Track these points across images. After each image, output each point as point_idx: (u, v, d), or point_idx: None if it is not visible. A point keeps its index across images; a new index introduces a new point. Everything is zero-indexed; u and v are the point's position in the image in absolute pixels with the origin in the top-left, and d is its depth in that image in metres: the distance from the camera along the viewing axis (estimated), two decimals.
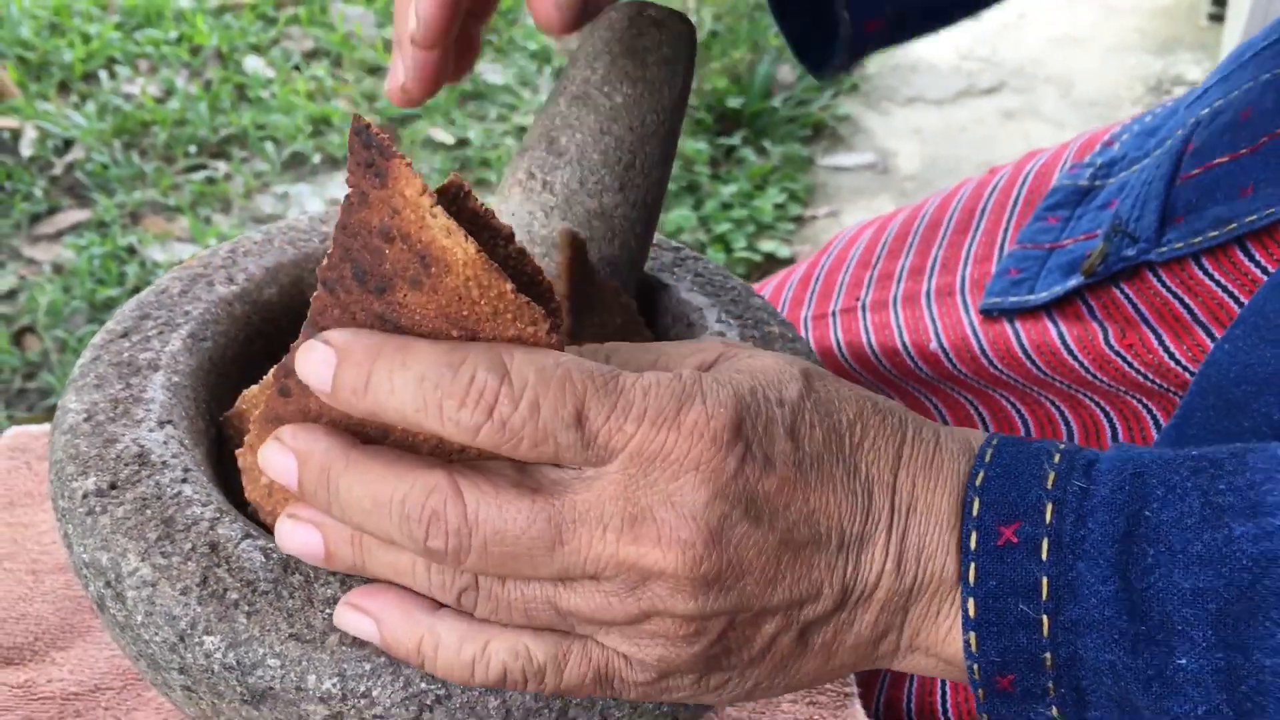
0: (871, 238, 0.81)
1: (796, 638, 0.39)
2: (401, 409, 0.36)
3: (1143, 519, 0.36)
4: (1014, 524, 0.37)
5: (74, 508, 0.43)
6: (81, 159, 2.07)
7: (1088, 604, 0.36)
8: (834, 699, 0.58)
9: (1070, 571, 0.36)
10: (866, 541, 0.38)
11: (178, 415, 0.46)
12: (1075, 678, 0.37)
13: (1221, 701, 0.35)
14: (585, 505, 0.36)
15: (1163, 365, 0.57)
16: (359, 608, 0.38)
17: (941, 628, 0.39)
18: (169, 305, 0.50)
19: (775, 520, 0.37)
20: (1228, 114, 0.59)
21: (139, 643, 0.41)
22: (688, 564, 0.35)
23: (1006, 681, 0.37)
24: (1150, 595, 0.36)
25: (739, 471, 0.36)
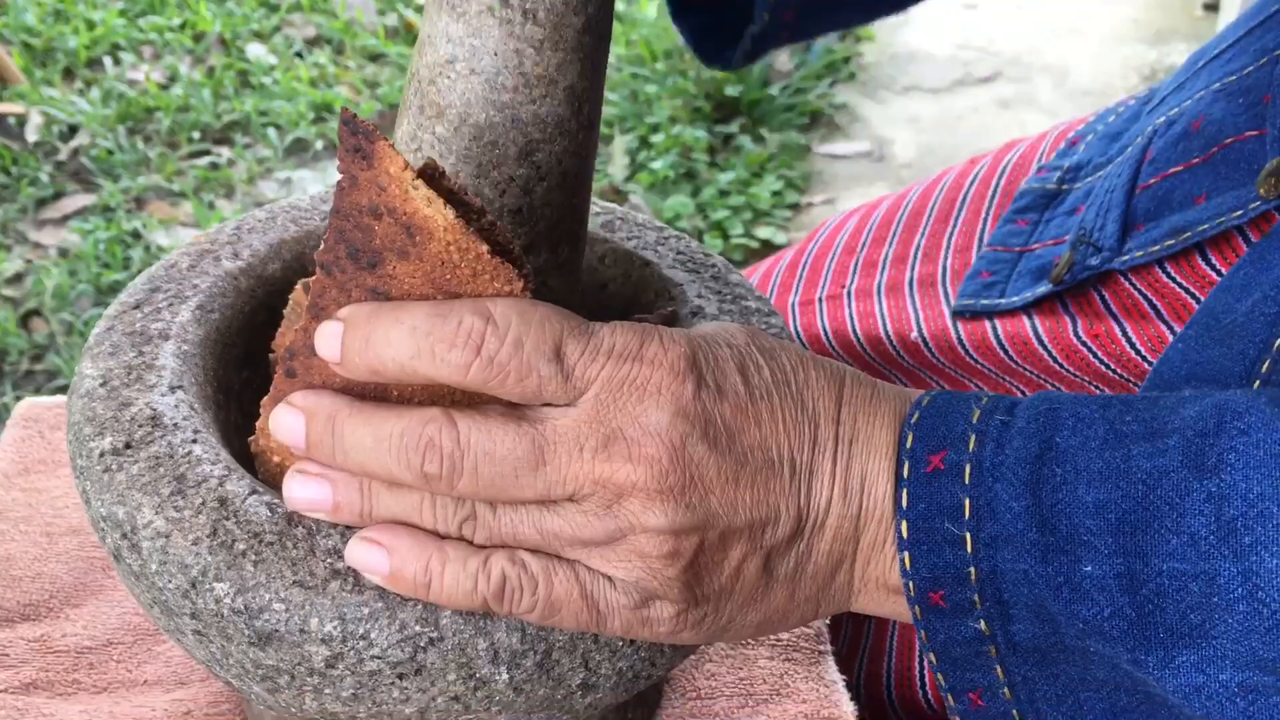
0: (857, 225, 0.84)
1: (762, 565, 0.42)
2: (399, 358, 0.40)
3: (1053, 444, 0.40)
4: (941, 452, 0.41)
5: (92, 466, 0.46)
6: (87, 145, 2.10)
7: (1004, 520, 0.39)
8: (809, 655, 0.61)
9: (989, 492, 0.40)
10: (815, 470, 0.42)
11: (188, 381, 0.49)
12: (997, 589, 0.40)
13: (1125, 604, 0.38)
14: (564, 429, 0.40)
15: (1124, 355, 0.60)
16: (370, 540, 0.42)
17: (887, 557, 0.42)
18: (178, 279, 0.53)
19: (732, 444, 0.41)
20: (1181, 123, 0.62)
21: (153, 590, 0.44)
22: (655, 477, 0.40)
23: (938, 597, 0.41)
24: (1058, 510, 0.39)
25: (696, 395, 0.40)
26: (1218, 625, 0.38)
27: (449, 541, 0.42)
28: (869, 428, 0.43)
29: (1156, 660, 0.39)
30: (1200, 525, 0.38)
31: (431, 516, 0.42)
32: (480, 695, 0.44)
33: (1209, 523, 0.38)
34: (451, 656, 0.43)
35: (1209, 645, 0.38)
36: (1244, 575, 0.37)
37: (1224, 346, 0.50)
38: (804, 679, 0.60)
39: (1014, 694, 0.43)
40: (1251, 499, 0.37)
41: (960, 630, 0.41)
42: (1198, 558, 0.38)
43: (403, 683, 0.43)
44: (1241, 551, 0.37)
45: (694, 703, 0.59)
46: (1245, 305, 0.51)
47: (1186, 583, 0.38)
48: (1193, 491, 0.38)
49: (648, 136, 2.22)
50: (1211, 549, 0.37)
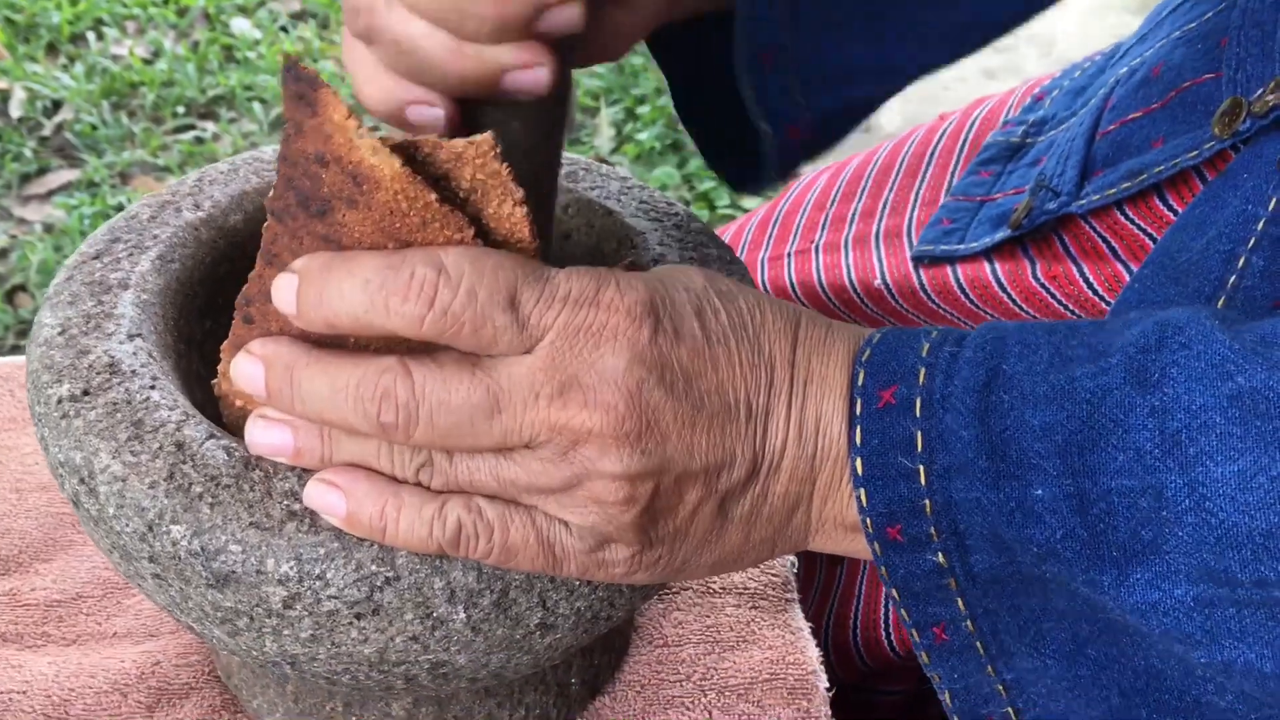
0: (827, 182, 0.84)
1: (717, 508, 0.42)
2: (353, 311, 0.40)
3: (1000, 371, 0.40)
4: (892, 387, 0.41)
5: (49, 412, 0.46)
6: (70, 120, 2.09)
7: (955, 450, 0.40)
8: (775, 603, 0.62)
9: (940, 424, 0.40)
10: (771, 413, 0.42)
11: (146, 330, 0.49)
12: (952, 520, 0.40)
13: (1076, 524, 0.39)
14: (519, 377, 0.40)
15: (1081, 295, 0.60)
16: (328, 481, 0.42)
17: (844, 496, 0.42)
18: (138, 229, 0.53)
19: (689, 389, 0.41)
20: (1141, 71, 0.62)
21: (111, 534, 0.44)
22: (611, 423, 0.39)
23: (895, 531, 0.41)
24: (1006, 436, 0.39)
25: (653, 340, 0.40)
26: (1169, 540, 0.38)
27: (406, 487, 0.42)
28: (823, 368, 0.43)
29: (1111, 579, 0.39)
30: (1145, 440, 0.38)
31: (389, 463, 0.42)
32: (438, 635, 0.44)
33: (1153, 437, 0.38)
34: (408, 596, 0.43)
35: (1161, 561, 0.38)
36: (1190, 487, 0.37)
37: (1179, 285, 0.51)
38: (770, 626, 0.61)
39: (976, 626, 0.43)
40: (1194, 410, 0.37)
41: (919, 564, 0.42)
42: (1144, 472, 0.38)
43: (360, 623, 0.43)
44: (1186, 463, 0.37)
45: (661, 650, 0.59)
46: (1200, 243, 0.51)
47: (1135, 499, 0.38)
48: (1136, 407, 0.38)
49: (634, 108, 2.21)
50: (1157, 462, 0.37)
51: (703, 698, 0.58)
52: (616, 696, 0.58)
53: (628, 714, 0.57)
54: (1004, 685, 0.44)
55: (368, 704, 0.52)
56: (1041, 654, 0.43)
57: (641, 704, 0.58)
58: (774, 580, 0.63)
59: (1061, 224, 0.62)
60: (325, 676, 0.46)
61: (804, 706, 0.58)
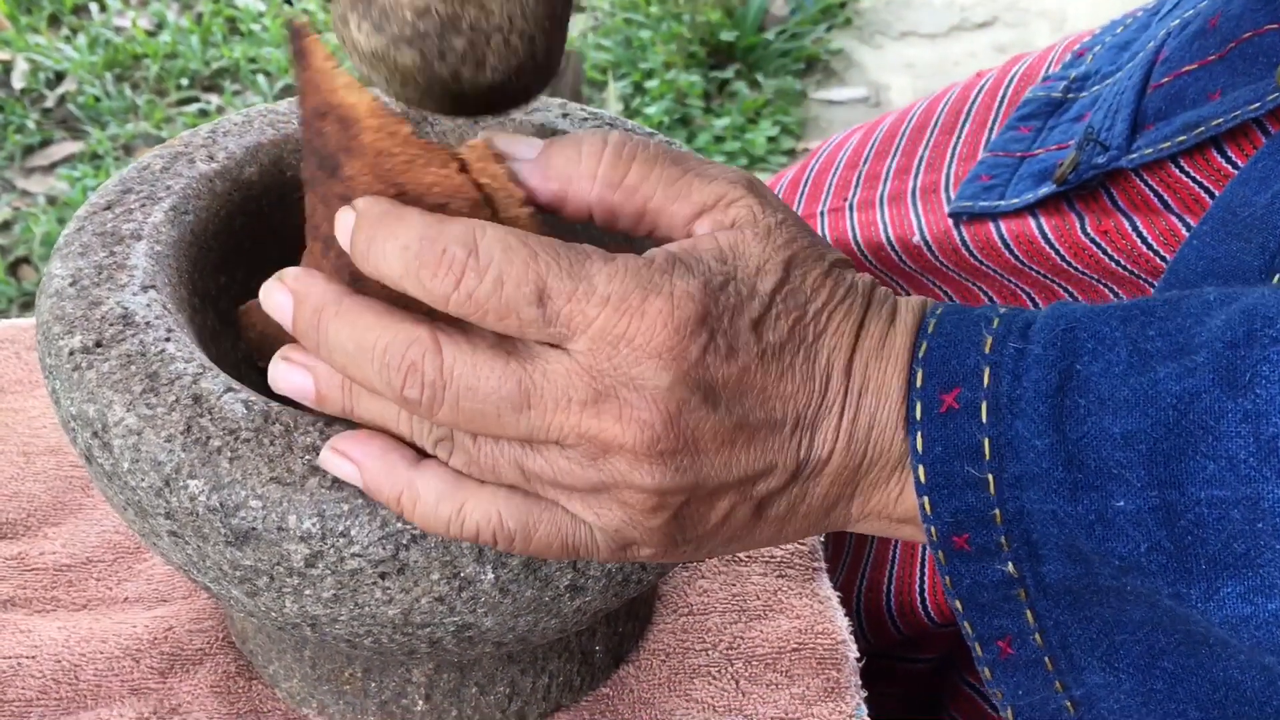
0: (860, 141, 0.82)
1: (752, 511, 0.40)
2: (391, 274, 0.38)
3: (1074, 372, 0.37)
4: (954, 390, 0.38)
5: (60, 364, 0.44)
6: (73, 91, 2.07)
7: (1027, 459, 0.37)
8: (802, 572, 0.60)
9: (1009, 431, 0.37)
10: (818, 425, 0.40)
11: (160, 282, 0.47)
12: (1025, 531, 0.38)
13: (1162, 537, 0.36)
14: (554, 375, 0.37)
15: (1135, 250, 0.58)
16: (342, 453, 0.40)
17: (892, 494, 0.40)
18: (151, 181, 0.51)
19: (733, 406, 0.38)
20: (1197, 23, 0.60)
21: (126, 490, 0.43)
22: (646, 441, 0.37)
23: (962, 541, 0.39)
24: (1084, 444, 0.36)
25: (700, 360, 0.37)
26: (1264, 553, 0.35)
27: (423, 473, 0.40)
28: (880, 374, 0.40)
29: (1200, 593, 0.36)
30: (1238, 447, 0.35)
31: (409, 430, 0.40)
32: (465, 596, 0.42)
33: (1247, 444, 0.35)
34: (435, 555, 0.41)
35: (1255, 574, 0.36)
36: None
37: (1242, 240, 0.49)
38: (797, 595, 0.59)
39: (1045, 640, 0.41)
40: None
41: (987, 574, 0.39)
42: (1238, 482, 0.35)
43: (385, 582, 0.42)
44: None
45: (686, 618, 0.58)
46: (1264, 198, 0.49)
47: (1227, 510, 0.35)
48: (1227, 412, 0.35)
49: (642, 82, 2.19)
50: (1252, 472, 0.35)
51: (729, 667, 0.56)
52: (641, 665, 0.56)
53: (653, 682, 0.56)
54: (1072, 701, 0.42)
55: (388, 670, 0.51)
56: (1114, 668, 0.40)
57: (667, 672, 0.56)
58: (801, 549, 0.61)
59: (1109, 178, 0.60)
60: (346, 639, 0.45)
61: (833, 676, 0.57)
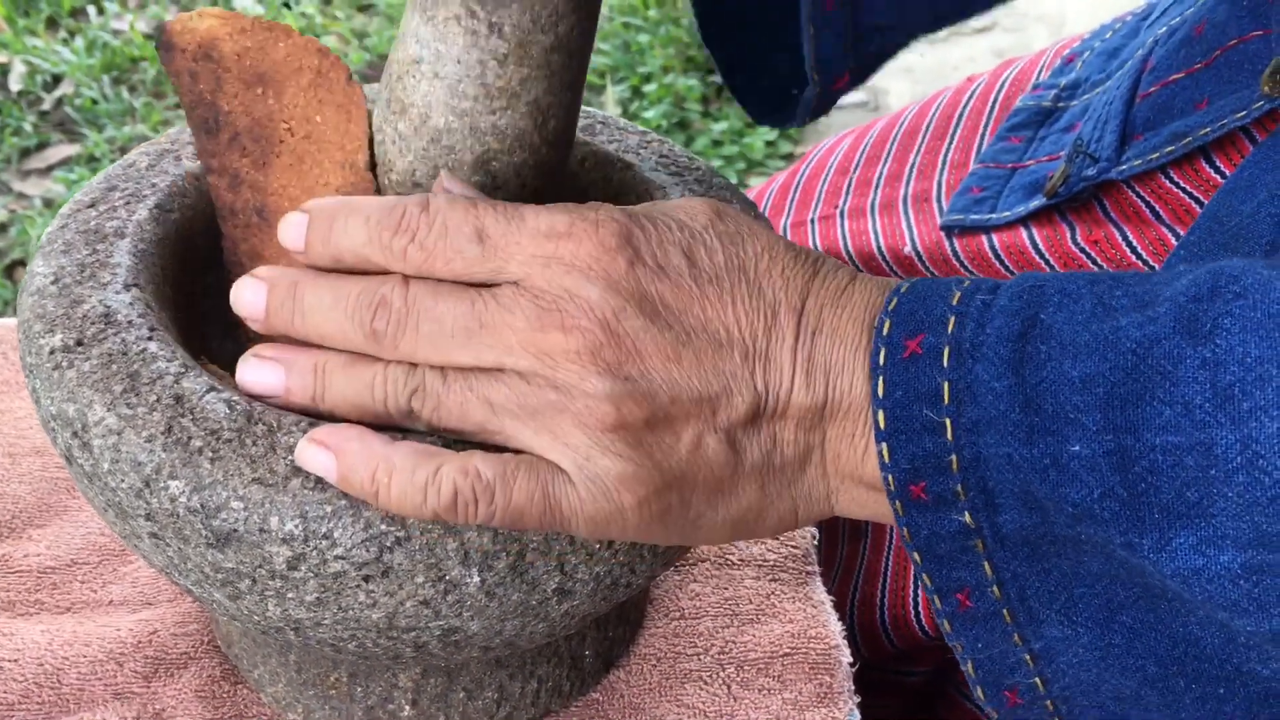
0: (850, 146, 0.81)
1: (723, 445, 0.40)
2: (354, 245, 0.42)
3: (1038, 321, 0.37)
4: (919, 336, 0.38)
5: (41, 363, 0.43)
6: (71, 94, 2.07)
7: (985, 402, 0.37)
8: (795, 575, 0.60)
9: (969, 374, 0.37)
10: (771, 356, 0.40)
11: (144, 280, 0.47)
12: (981, 478, 0.38)
13: (1116, 483, 0.36)
14: (502, 298, 0.40)
15: (1124, 260, 0.58)
16: (318, 441, 0.40)
17: (858, 449, 0.40)
18: (136, 178, 0.51)
19: (672, 320, 0.40)
20: (1182, 31, 0.60)
21: (106, 491, 0.42)
22: (589, 346, 0.39)
23: (919, 489, 0.39)
24: (1042, 388, 0.36)
25: (629, 272, 0.40)
26: (1216, 501, 0.35)
27: (398, 449, 0.40)
28: (835, 319, 0.41)
29: (1152, 543, 0.36)
30: (1195, 393, 0.35)
31: (383, 391, 0.41)
32: (451, 600, 0.42)
33: (1204, 390, 0.35)
34: (420, 557, 0.41)
35: (1208, 524, 0.35)
36: (1243, 443, 0.34)
37: (1229, 250, 0.48)
38: (790, 599, 0.58)
39: (1003, 592, 0.40)
40: (1249, 363, 0.35)
41: (944, 524, 0.39)
42: (1193, 428, 0.35)
43: (369, 585, 0.41)
44: (1240, 418, 0.34)
45: (678, 622, 0.57)
46: (1250, 206, 0.49)
47: (1181, 456, 0.35)
48: (1186, 358, 0.35)
49: (640, 86, 2.19)
50: (1208, 417, 0.35)
51: (721, 671, 0.56)
52: (631, 670, 0.56)
53: (643, 687, 0.55)
54: (1031, 654, 0.41)
55: (373, 675, 0.50)
56: (1072, 621, 0.40)
57: (658, 677, 0.55)
58: (794, 553, 0.61)
59: (1101, 189, 0.59)
60: (330, 644, 0.44)
61: (826, 681, 0.56)
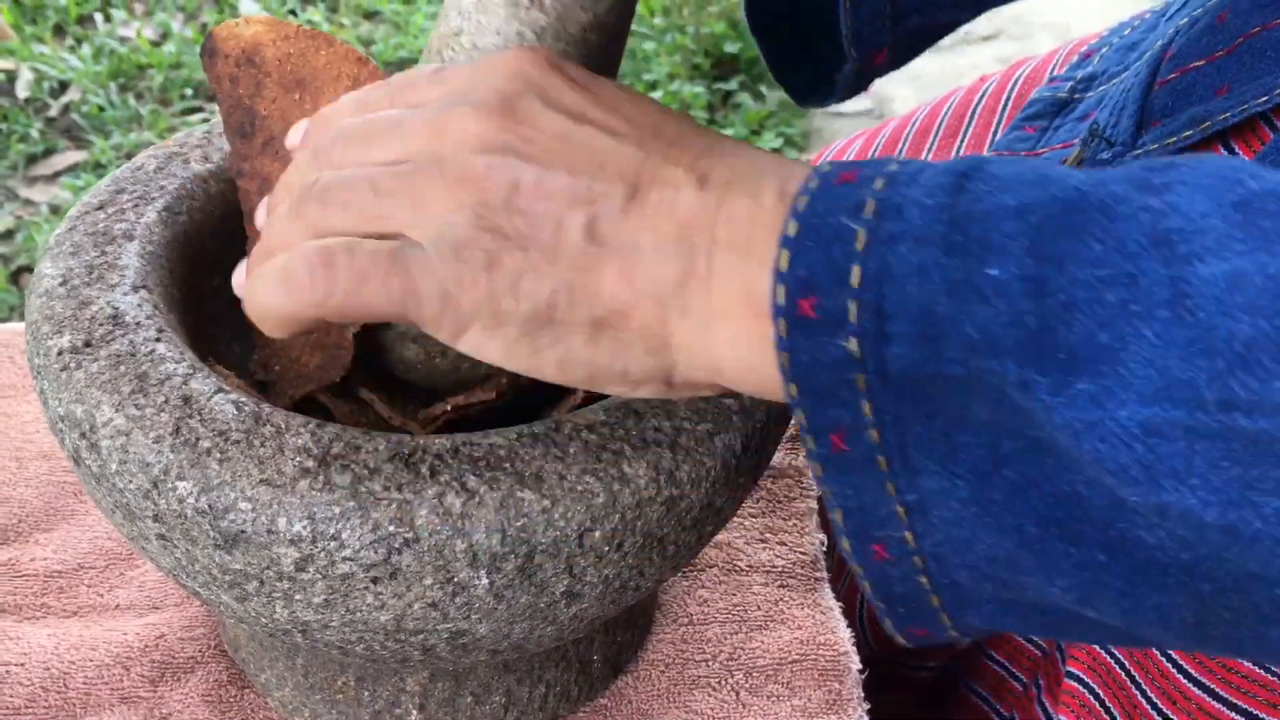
0: (862, 147, 0.81)
1: (588, 225, 0.38)
2: None
3: (983, 169, 0.35)
4: (857, 170, 0.36)
5: (49, 364, 0.43)
6: (77, 101, 2.07)
7: (909, 216, 0.34)
8: (804, 582, 0.59)
9: (899, 196, 0.35)
10: (668, 157, 0.38)
11: (152, 282, 0.47)
12: (879, 296, 0.35)
13: (1026, 309, 0.33)
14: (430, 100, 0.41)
15: None
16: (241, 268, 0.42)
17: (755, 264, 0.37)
18: (144, 181, 0.51)
19: (572, 109, 0.39)
20: (1205, 19, 0.60)
21: (114, 493, 0.42)
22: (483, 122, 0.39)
23: (809, 305, 0.35)
24: (975, 214, 0.34)
25: (546, 73, 0.40)
26: (1130, 344, 0.32)
27: None
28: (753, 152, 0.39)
29: (1050, 383, 0.33)
30: (1131, 230, 0.32)
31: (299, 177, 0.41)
32: (459, 602, 0.41)
33: (1142, 228, 0.32)
34: (428, 559, 0.40)
35: (1113, 372, 0.32)
36: (1172, 281, 0.32)
37: None
38: (799, 605, 0.58)
39: (881, 436, 0.36)
40: (1194, 215, 0.32)
41: (827, 350, 0.35)
42: (1122, 260, 0.32)
43: (377, 587, 0.41)
44: (1173, 258, 0.32)
45: (686, 628, 0.57)
46: None
47: (1103, 292, 0.32)
48: (1130, 200, 0.33)
49: (646, 93, 2.19)
50: (1140, 250, 0.32)
51: (730, 678, 0.56)
52: (640, 675, 0.56)
53: (651, 693, 0.55)
54: (904, 506, 0.38)
55: (381, 678, 0.50)
56: (951, 472, 0.36)
57: (666, 683, 0.55)
58: (803, 559, 0.61)
59: None
60: (338, 646, 0.44)
61: (835, 688, 0.56)
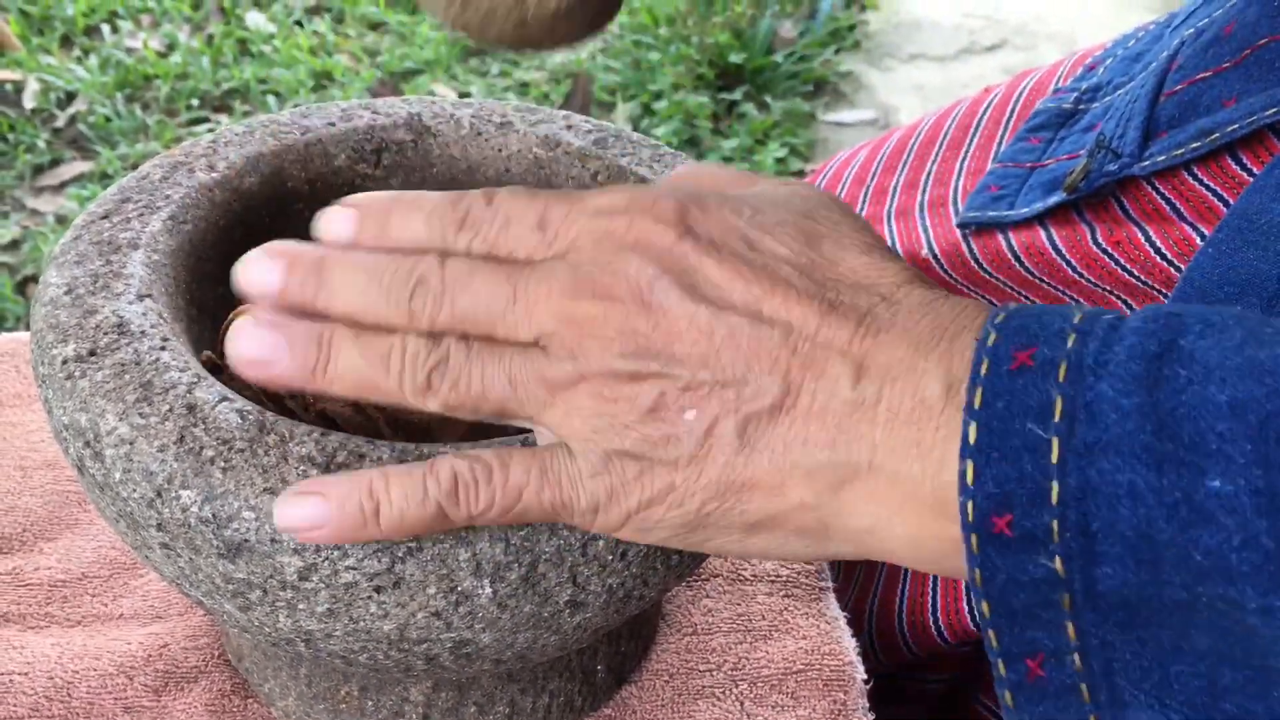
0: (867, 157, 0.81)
1: (739, 431, 0.36)
2: (414, 239, 0.40)
3: (1177, 346, 0.32)
4: (1031, 349, 0.33)
5: (54, 373, 0.43)
6: (84, 111, 2.08)
7: (1106, 421, 0.31)
8: (809, 591, 0.59)
9: (1089, 391, 0.32)
10: (820, 342, 0.36)
11: (157, 291, 0.47)
12: (1084, 516, 0.32)
13: (1261, 530, 0.30)
14: (542, 271, 0.39)
15: (1149, 260, 0.58)
16: (302, 492, 0.39)
17: (927, 466, 0.34)
18: (150, 190, 0.51)
19: (710, 293, 0.37)
20: (1211, 30, 0.59)
21: (118, 501, 0.42)
22: (617, 314, 0.37)
23: (1004, 522, 0.32)
24: (1180, 413, 0.31)
25: (676, 244, 0.38)
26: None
27: (387, 466, 0.40)
28: (912, 322, 0.35)
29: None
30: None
31: (399, 362, 0.38)
32: (462, 611, 0.41)
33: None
34: (431, 568, 0.40)
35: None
36: None
37: (1259, 249, 0.48)
38: (804, 615, 0.58)
39: (1085, 663, 0.34)
40: None
41: (1027, 570, 0.33)
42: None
43: (380, 597, 0.41)
44: None
45: (690, 638, 0.57)
46: None
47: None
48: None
49: (650, 104, 2.19)
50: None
51: (734, 688, 0.55)
52: (644, 685, 0.55)
53: (656, 703, 0.55)
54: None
55: (384, 688, 0.50)
56: (1164, 705, 0.34)
57: (670, 693, 0.55)
58: (808, 568, 0.60)
59: (1121, 187, 0.59)
60: (341, 656, 0.44)
61: (840, 699, 0.55)
